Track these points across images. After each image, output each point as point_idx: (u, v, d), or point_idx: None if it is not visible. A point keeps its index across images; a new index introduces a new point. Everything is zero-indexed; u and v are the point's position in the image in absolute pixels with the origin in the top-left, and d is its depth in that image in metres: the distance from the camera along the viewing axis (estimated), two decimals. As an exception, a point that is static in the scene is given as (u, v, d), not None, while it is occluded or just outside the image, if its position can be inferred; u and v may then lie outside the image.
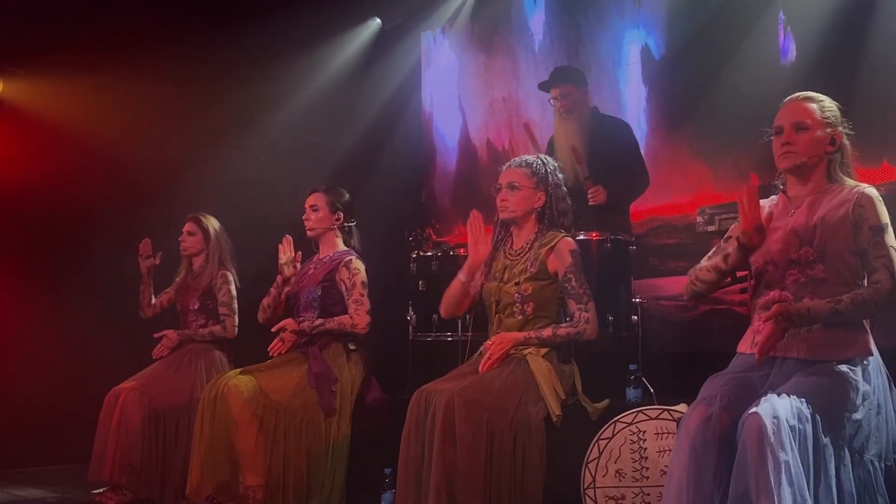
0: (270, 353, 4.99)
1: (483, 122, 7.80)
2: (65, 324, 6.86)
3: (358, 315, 4.92)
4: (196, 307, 5.87)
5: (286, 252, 4.95)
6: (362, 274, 4.99)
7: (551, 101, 5.71)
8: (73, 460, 6.18)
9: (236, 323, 5.82)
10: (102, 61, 6.88)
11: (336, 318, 4.92)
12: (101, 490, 5.48)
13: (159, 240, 6.11)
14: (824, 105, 3.28)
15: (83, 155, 6.99)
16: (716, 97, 5.93)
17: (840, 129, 3.28)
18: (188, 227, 5.97)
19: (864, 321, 3.16)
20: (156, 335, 5.81)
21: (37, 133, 7.03)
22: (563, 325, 4.21)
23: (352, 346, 4.99)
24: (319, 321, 4.93)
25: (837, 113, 3.29)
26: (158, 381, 5.61)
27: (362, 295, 4.95)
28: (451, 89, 8.12)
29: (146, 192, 6.30)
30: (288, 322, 5.00)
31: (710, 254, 3.41)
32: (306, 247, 5.21)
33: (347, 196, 5.20)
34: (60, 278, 6.94)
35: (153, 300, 6.08)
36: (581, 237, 4.66)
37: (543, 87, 5.74)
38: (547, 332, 4.17)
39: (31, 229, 6.95)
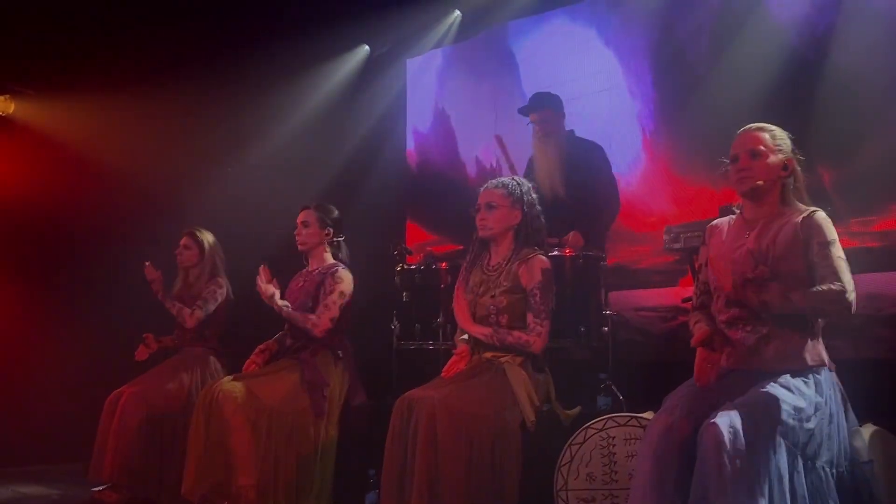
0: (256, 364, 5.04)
1: (470, 141, 7.84)
2: (68, 330, 6.87)
3: (321, 317, 4.89)
4: None
5: (266, 281, 4.92)
6: (343, 284, 4.98)
7: (530, 125, 5.69)
8: (75, 459, 6.15)
9: (199, 318, 5.74)
10: (108, 84, 6.91)
11: (305, 314, 4.92)
12: (100, 488, 5.45)
13: (158, 252, 6.08)
14: (776, 134, 3.33)
15: (88, 171, 7.04)
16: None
17: (792, 155, 3.32)
18: (184, 241, 5.95)
19: (816, 334, 3.18)
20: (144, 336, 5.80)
21: (45, 150, 7.07)
22: (516, 332, 4.22)
23: (339, 354, 4.99)
24: (288, 306, 4.91)
25: (789, 141, 3.34)
26: (156, 386, 5.59)
27: (333, 302, 4.92)
28: (437, 111, 8.13)
29: (147, 207, 6.31)
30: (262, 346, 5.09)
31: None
32: (297, 261, 5.23)
33: (336, 213, 5.20)
34: (66, 288, 6.96)
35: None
36: (554, 253, 4.66)
37: (523, 111, 5.71)
38: (502, 331, 4.21)
39: (39, 240, 6.97)
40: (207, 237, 5.95)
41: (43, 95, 7.09)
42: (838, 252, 3.15)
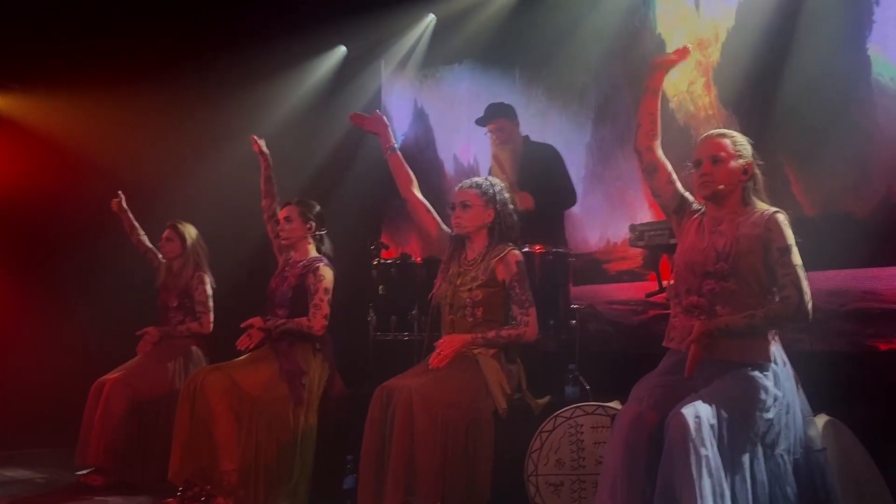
0: (238, 347, 4.98)
1: (448, 139, 7.87)
2: (55, 320, 6.83)
3: (314, 318, 4.93)
4: (175, 305, 5.86)
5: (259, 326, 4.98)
6: (326, 280, 5.01)
7: (487, 134, 5.74)
8: (60, 444, 6.12)
9: (211, 320, 5.81)
10: (95, 80, 6.87)
11: (297, 319, 4.95)
12: (85, 472, 5.45)
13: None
14: (736, 140, 3.38)
15: (74, 165, 7.00)
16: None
17: (752, 160, 3.37)
18: (167, 233, 5.95)
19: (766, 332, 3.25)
20: (138, 332, 5.78)
21: (30, 145, 7.01)
22: (507, 328, 4.28)
23: (318, 346, 5.02)
24: (282, 321, 4.94)
25: (749, 146, 3.38)
26: (141, 373, 5.60)
27: (322, 300, 4.96)
28: (415, 111, 8.16)
29: (132, 201, 6.27)
30: (255, 320, 5.01)
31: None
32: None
33: (318, 208, 5.22)
34: (53, 278, 6.92)
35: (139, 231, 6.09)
36: (525, 250, 4.70)
37: (479, 122, 5.76)
38: (491, 334, 4.24)
39: (26, 232, 6.92)
40: (190, 230, 5.95)
41: (27, 90, 7.04)
42: (796, 259, 3.20)
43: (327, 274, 5.02)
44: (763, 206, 3.34)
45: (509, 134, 5.67)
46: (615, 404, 3.98)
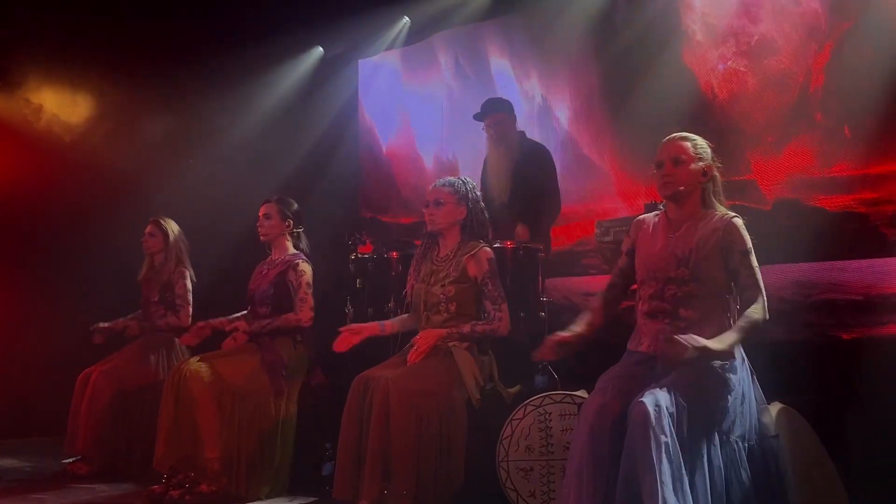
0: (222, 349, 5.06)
1: (427, 137, 7.91)
2: (43, 312, 6.83)
3: (302, 311, 4.98)
4: (156, 299, 5.87)
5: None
6: (307, 275, 5.05)
7: (485, 129, 5.68)
8: (46, 434, 6.13)
9: (189, 313, 5.80)
10: (74, 78, 6.86)
11: (283, 316, 4.98)
12: (71, 460, 5.48)
13: (128, 238, 6.12)
14: (697, 143, 3.43)
15: (58, 162, 6.98)
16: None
17: (711, 163, 3.42)
18: (149, 228, 5.95)
19: (729, 325, 3.30)
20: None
21: (12, 139, 6.98)
22: (481, 322, 4.34)
23: (299, 338, 5.06)
24: (268, 321, 4.97)
25: (708, 150, 3.44)
26: (125, 365, 5.62)
27: (306, 294, 5.01)
28: (395, 109, 8.19)
29: (115, 197, 6.28)
30: (240, 324, 5.06)
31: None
32: (262, 250, 5.30)
33: (296, 205, 5.23)
34: (40, 271, 6.91)
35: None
36: (497, 245, 4.74)
37: (477, 117, 5.69)
38: (466, 329, 4.30)
39: (13, 225, 6.91)
40: (172, 226, 5.95)
41: (9, 86, 7.01)
42: (755, 262, 3.28)
43: (307, 269, 5.06)
44: (722, 211, 3.40)
45: (506, 129, 5.61)
46: (582, 393, 4.04)
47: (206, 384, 4.68)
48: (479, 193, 4.54)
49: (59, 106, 6.99)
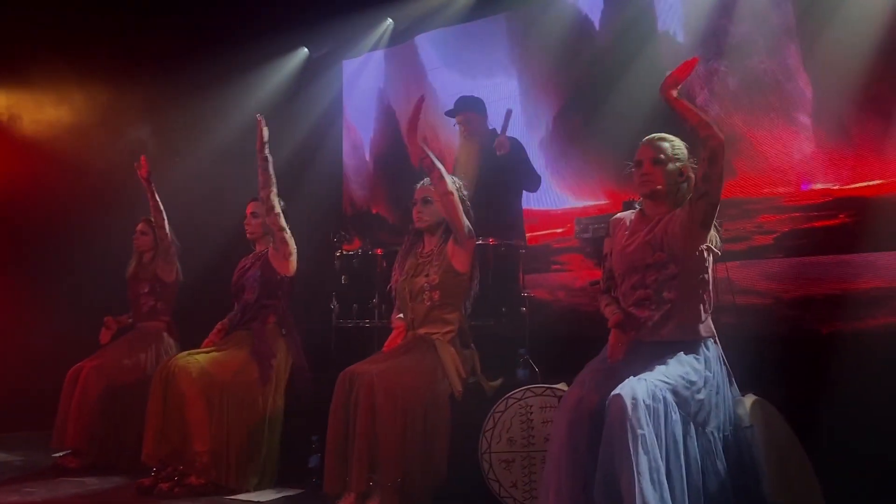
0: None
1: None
2: (34, 309, 6.82)
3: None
4: (146, 290, 5.86)
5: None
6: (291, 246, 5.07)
7: (456, 125, 5.76)
8: (37, 428, 6.12)
9: (176, 267, 5.89)
10: (61, 77, 6.83)
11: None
12: (61, 454, 5.47)
13: (116, 236, 6.11)
14: (675, 144, 3.46)
15: (51, 163, 6.97)
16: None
17: (687, 163, 3.46)
18: (141, 227, 5.95)
19: (707, 312, 3.36)
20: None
21: (5, 140, 6.95)
22: None
23: (283, 331, 5.07)
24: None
25: (685, 151, 3.47)
26: (115, 360, 5.62)
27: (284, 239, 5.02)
28: (374, 109, 8.20)
29: (106, 196, 6.26)
30: (220, 324, 5.16)
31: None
32: (248, 249, 5.32)
33: (282, 204, 5.25)
34: (31, 268, 6.90)
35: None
36: (479, 242, 4.78)
37: (449, 114, 5.77)
38: None
39: (4, 224, 6.89)
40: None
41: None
42: None
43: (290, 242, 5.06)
44: None
45: (476, 127, 5.69)
46: (562, 386, 4.06)
47: (193, 379, 4.69)
48: (465, 193, 4.56)
49: (46, 107, 6.95)
